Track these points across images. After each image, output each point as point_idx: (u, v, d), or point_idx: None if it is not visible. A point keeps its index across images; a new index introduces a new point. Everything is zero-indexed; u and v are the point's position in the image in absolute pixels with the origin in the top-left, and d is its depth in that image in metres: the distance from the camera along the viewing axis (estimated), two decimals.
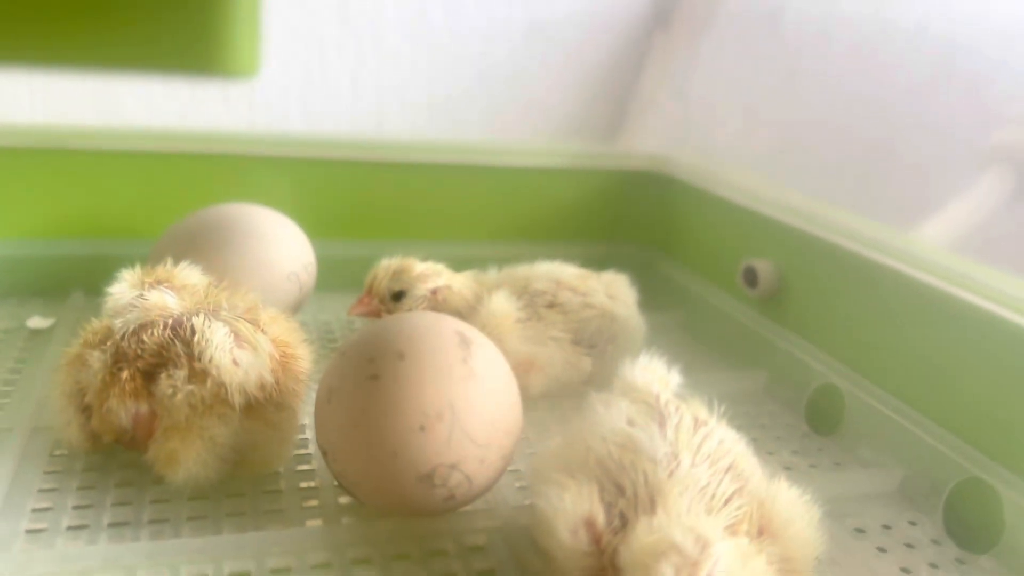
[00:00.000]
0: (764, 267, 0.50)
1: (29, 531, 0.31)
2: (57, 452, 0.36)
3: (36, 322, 0.49)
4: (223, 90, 0.74)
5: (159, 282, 0.38)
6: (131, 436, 0.34)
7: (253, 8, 0.21)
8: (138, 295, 0.36)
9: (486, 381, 0.31)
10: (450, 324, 0.32)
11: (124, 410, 0.33)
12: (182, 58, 0.21)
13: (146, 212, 0.54)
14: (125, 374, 0.33)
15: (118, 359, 0.33)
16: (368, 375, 0.30)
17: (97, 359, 0.34)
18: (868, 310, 0.44)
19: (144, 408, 0.33)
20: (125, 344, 0.34)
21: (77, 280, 0.52)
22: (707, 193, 0.59)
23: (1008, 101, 0.64)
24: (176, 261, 0.42)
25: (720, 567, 0.24)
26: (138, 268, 0.39)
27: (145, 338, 0.33)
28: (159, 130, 0.55)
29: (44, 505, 0.33)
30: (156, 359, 0.33)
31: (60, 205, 0.53)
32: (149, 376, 0.33)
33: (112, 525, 0.32)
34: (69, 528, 0.32)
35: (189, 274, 0.40)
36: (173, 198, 0.54)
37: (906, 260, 0.43)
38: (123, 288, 0.37)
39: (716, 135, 0.83)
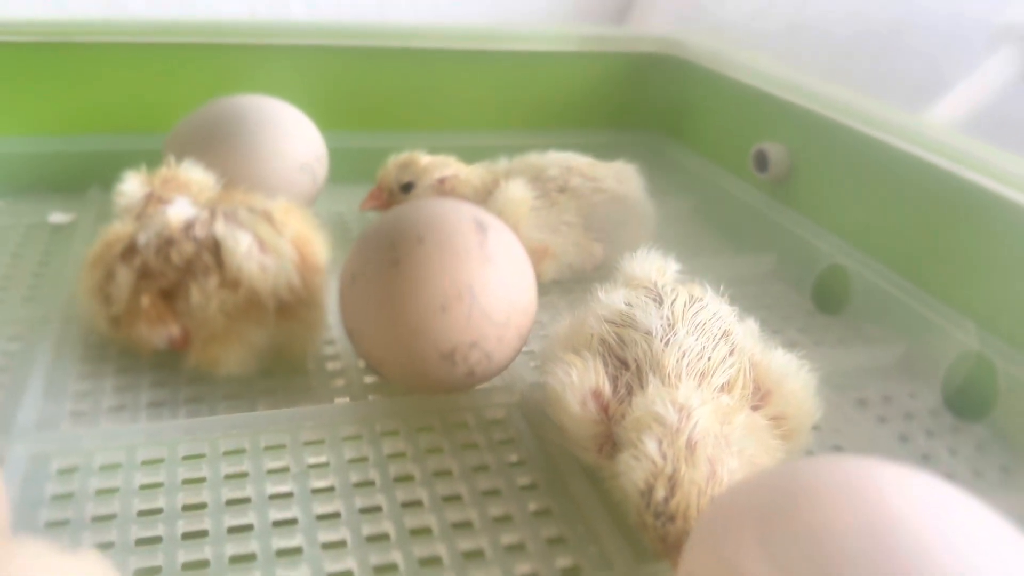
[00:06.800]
0: (775, 150, 0.51)
1: (73, 412, 0.33)
2: (91, 340, 0.38)
3: (57, 217, 0.50)
4: None
5: (165, 182, 0.39)
6: (167, 350, 0.36)
7: None
8: (148, 199, 0.37)
9: (503, 264, 0.32)
10: (467, 210, 0.33)
11: (157, 336, 0.34)
12: None
13: (157, 106, 0.54)
14: (146, 299, 0.34)
15: (144, 276, 0.35)
16: (390, 260, 0.31)
17: (124, 275, 0.35)
18: (876, 191, 0.45)
19: (175, 329, 0.34)
20: (152, 262, 0.35)
21: (94, 175, 0.53)
22: (718, 76, 0.58)
23: None
24: (189, 155, 0.42)
25: (698, 428, 0.26)
26: (143, 169, 0.40)
27: (172, 255, 0.34)
28: (167, 22, 0.54)
29: (84, 388, 0.35)
30: (183, 274, 0.34)
31: (75, 101, 0.53)
32: (171, 295, 0.34)
33: (150, 405, 0.34)
34: (110, 408, 0.34)
35: (193, 171, 0.41)
36: (184, 91, 0.54)
37: (913, 140, 0.43)
38: (134, 188, 0.38)
39: (728, 15, 0.82)
